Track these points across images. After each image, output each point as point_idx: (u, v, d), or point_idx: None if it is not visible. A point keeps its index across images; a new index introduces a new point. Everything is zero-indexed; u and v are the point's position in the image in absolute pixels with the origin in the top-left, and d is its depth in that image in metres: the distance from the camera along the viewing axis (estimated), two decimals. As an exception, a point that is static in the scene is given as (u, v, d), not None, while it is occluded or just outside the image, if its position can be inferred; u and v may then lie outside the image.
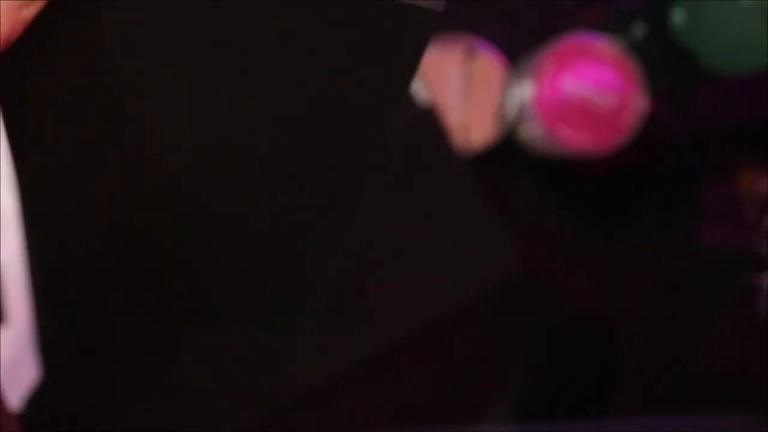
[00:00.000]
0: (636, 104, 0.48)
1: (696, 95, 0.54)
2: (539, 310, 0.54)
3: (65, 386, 0.26)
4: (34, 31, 0.19)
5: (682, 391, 0.55)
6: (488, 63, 0.48)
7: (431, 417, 0.53)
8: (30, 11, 0.19)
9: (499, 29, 0.52)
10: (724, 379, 0.55)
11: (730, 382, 0.55)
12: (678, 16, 0.50)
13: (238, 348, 0.27)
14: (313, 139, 0.23)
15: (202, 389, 0.29)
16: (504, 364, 0.54)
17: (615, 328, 0.55)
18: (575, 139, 0.47)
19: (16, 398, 0.49)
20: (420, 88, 0.47)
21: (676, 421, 0.54)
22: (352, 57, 0.21)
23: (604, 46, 0.47)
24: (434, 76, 0.48)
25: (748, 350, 0.54)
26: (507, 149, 0.51)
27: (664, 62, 0.51)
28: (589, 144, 0.47)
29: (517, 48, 0.52)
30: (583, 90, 0.47)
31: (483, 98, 0.48)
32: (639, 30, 0.52)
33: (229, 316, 0.26)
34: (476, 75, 0.48)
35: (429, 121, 0.43)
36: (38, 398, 0.28)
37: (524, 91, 0.48)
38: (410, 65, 0.22)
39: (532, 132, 0.48)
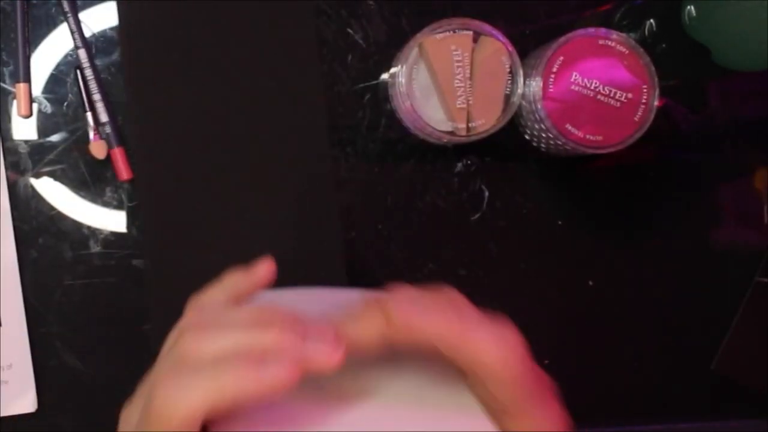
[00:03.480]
0: (647, 100, 0.47)
1: (707, 91, 0.53)
2: (546, 310, 0.53)
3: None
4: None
5: (695, 395, 0.54)
6: (496, 48, 0.47)
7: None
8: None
9: (509, 24, 0.51)
10: (738, 382, 0.54)
11: (744, 386, 0.54)
12: (689, 12, 0.49)
13: None
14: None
15: None
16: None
17: (625, 329, 0.54)
18: (584, 136, 0.47)
19: (10, 401, 0.49)
20: (424, 73, 0.47)
21: (690, 426, 0.54)
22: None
23: (615, 41, 0.47)
24: (441, 60, 0.47)
25: (764, 352, 0.53)
26: (516, 145, 0.51)
27: (675, 58, 0.50)
28: (598, 140, 0.47)
29: (527, 43, 0.51)
30: (593, 86, 0.47)
31: (489, 84, 0.47)
32: (650, 26, 0.51)
33: None
34: (483, 60, 0.47)
35: None
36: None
37: (533, 87, 0.47)
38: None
39: (541, 128, 0.47)
